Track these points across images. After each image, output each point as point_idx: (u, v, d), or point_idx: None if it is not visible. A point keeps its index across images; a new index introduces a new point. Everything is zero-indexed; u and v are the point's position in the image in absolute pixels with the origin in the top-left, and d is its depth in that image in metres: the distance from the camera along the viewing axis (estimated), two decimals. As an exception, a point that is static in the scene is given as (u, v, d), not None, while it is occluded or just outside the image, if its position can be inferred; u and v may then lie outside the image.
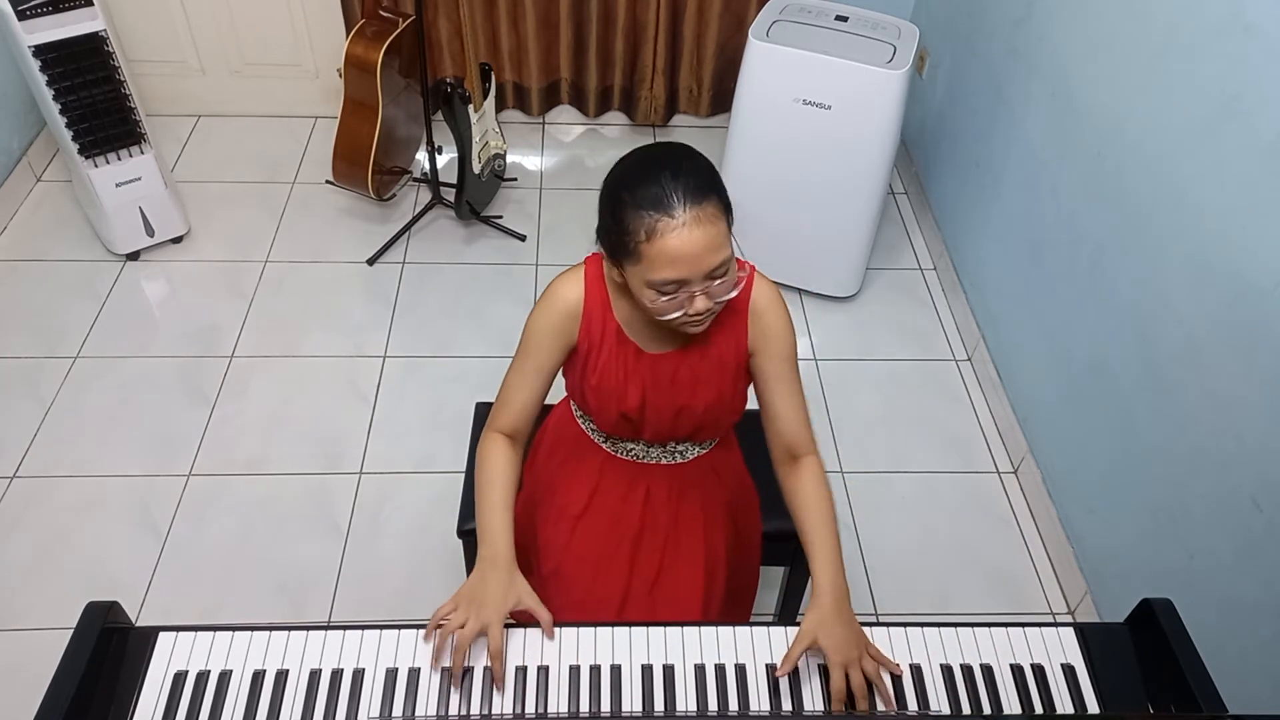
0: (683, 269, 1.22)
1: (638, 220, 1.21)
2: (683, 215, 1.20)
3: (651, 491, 1.56)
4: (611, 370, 1.43)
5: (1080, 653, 1.29)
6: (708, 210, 1.21)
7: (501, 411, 1.46)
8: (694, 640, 1.28)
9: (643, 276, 1.25)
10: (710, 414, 1.47)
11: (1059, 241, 2.30)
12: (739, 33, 3.27)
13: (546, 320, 1.42)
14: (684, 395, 1.44)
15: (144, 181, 2.75)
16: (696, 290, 1.25)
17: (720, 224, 1.23)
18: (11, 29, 2.38)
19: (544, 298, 1.43)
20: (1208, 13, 1.76)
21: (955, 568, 2.30)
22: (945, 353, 2.83)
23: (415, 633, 1.26)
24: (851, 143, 2.57)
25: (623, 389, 1.43)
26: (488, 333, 2.78)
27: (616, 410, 1.45)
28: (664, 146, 1.31)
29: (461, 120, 2.70)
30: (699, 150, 1.30)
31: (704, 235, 1.21)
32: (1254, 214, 1.64)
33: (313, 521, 2.29)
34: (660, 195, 1.21)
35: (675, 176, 1.21)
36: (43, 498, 2.30)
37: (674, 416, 1.47)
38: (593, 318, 1.41)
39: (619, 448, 1.56)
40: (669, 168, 1.23)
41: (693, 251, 1.21)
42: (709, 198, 1.22)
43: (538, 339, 1.43)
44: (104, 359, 2.62)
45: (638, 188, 1.22)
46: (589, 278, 1.42)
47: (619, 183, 1.26)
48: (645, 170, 1.24)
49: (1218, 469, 1.73)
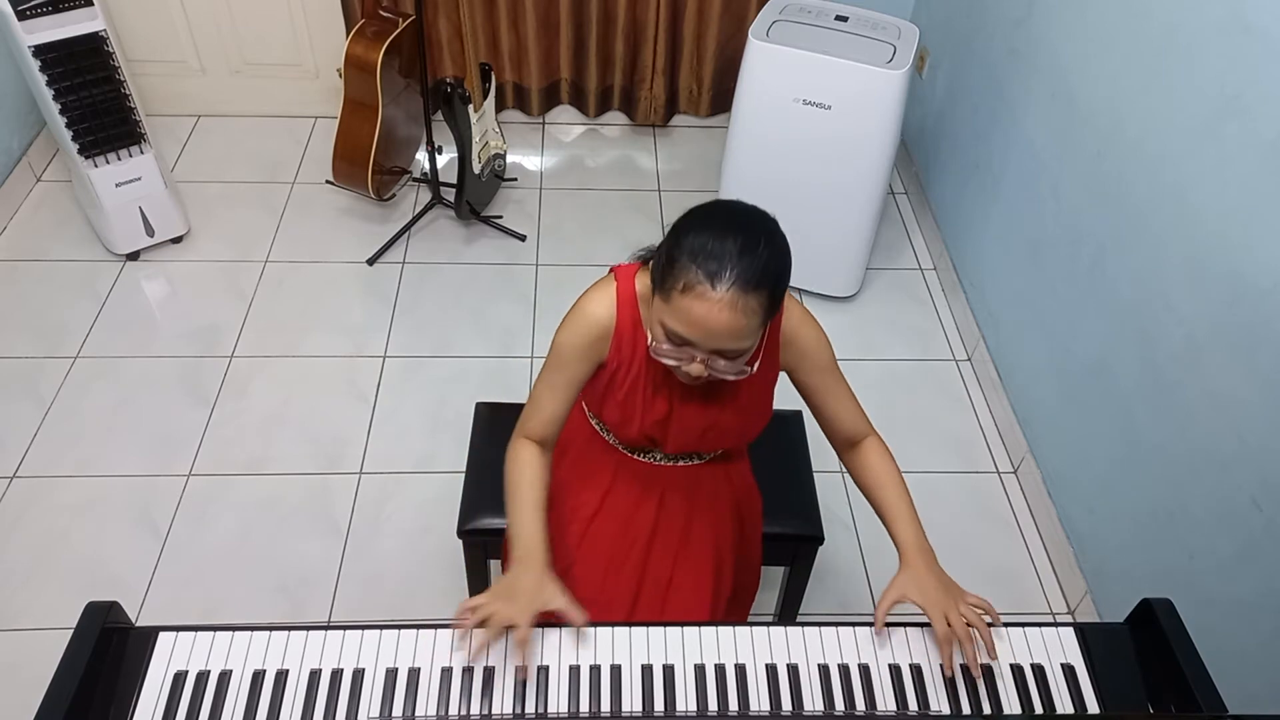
0: (695, 334, 1.22)
1: (684, 271, 1.20)
2: (723, 293, 1.18)
3: (666, 496, 1.56)
4: (640, 388, 1.42)
5: (1080, 653, 1.29)
6: (750, 303, 1.19)
7: (531, 419, 1.46)
8: (694, 640, 1.27)
9: (661, 316, 1.25)
10: (733, 434, 1.48)
11: (1059, 241, 2.30)
12: (739, 33, 3.27)
13: (577, 339, 1.40)
14: (711, 415, 1.44)
15: (144, 181, 2.75)
16: (699, 356, 1.25)
17: (755, 319, 1.21)
18: (11, 29, 2.38)
19: (574, 315, 1.41)
20: (1208, 13, 1.76)
21: (955, 568, 2.27)
22: (945, 353, 2.83)
23: (415, 633, 1.26)
24: (851, 143, 2.57)
25: (649, 407, 1.43)
26: (488, 333, 2.78)
27: (639, 428, 1.45)
28: (754, 215, 1.26)
29: (461, 120, 2.70)
30: (773, 221, 1.26)
31: (731, 321, 1.19)
32: (1254, 214, 1.64)
33: (313, 521, 2.29)
34: (716, 266, 1.18)
35: (740, 254, 1.18)
36: (43, 498, 2.30)
37: (699, 435, 1.47)
38: (623, 336, 1.40)
39: (635, 452, 1.57)
40: (741, 240, 1.19)
41: (714, 329, 1.20)
42: (758, 291, 1.19)
43: (567, 355, 1.41)
44: (104, 359, 2.62)
45: (702, 241, 1.20)
46: (620, 295, 1.40)
47: (692, 226, 1.23)
48: (721, 228, 1.21)
49: (1218, 469, 1.73)
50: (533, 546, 1.34)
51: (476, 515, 1.76)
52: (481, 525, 1.75)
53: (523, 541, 1.35)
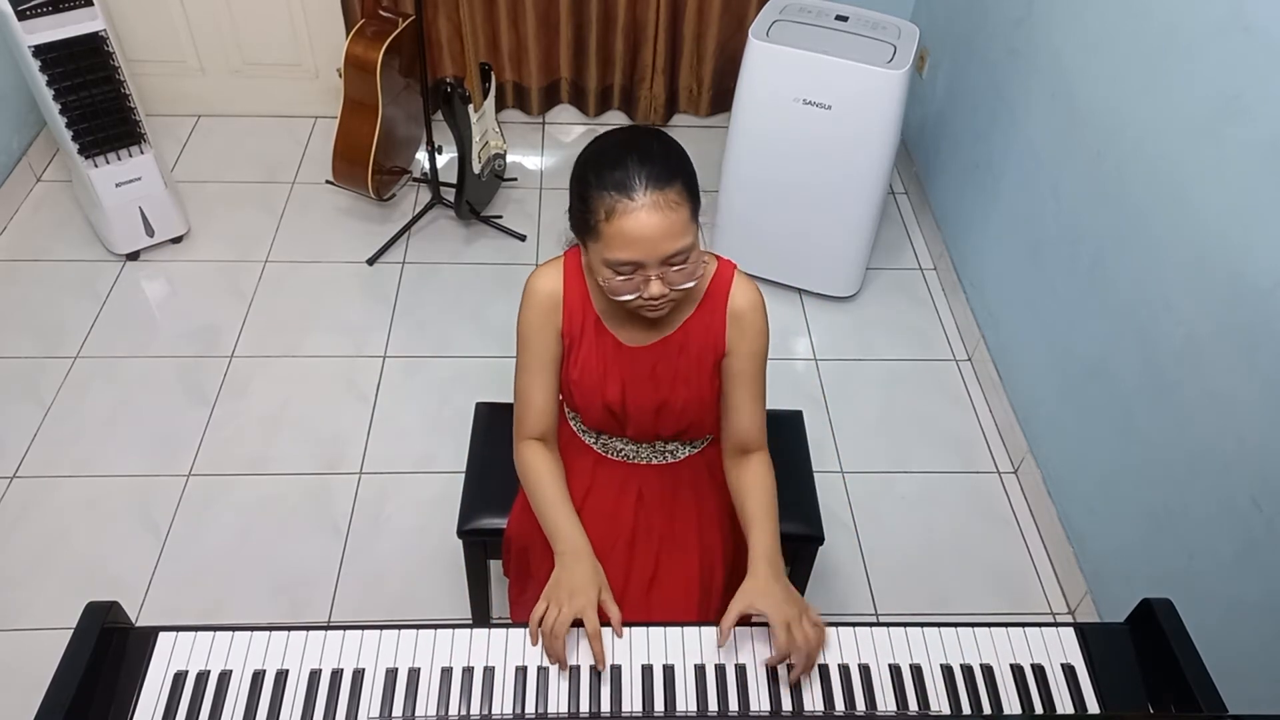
0: (638, 251, 1.24)
1: (599, 200, 1.24)
2: (643, 198, 1.22)
3: (644, 493, 1.57)
4: (592, 362, 1.44)
5: (1080, 653, 1.29)
6: (669, 196, 1.23)
7: (525, 417, 1.47)
8: (694, 640, 1.28)
9: (601, 255, 1.27)
10: (690, 411, 1.49)
11: (1059, 241, 2.30)
12: (739, 32, 3.26)
13: (531, 314, 1.44)
14: (663, 390, 1.46)
15: (144, 181, 2.75)
16: (653, 274, 1.27)
17: (682, 210, 1.24)
18: (11, 29, 2.38)
19: (525, 293, 1.45)
20: (1207, 13, 1.76)
21: (955, 568, 2.30)
22: (945, 353, 2.83)
23: (415, 633, 1.26)
24: (851, 143, 2.57)
25: (602, 381, 1.45)
26: (488, 333, 2.78)
27: (599, 403, 1.47)
28: (635, 130, 1.34)
29: (461, 120, 2.70)
30: (676, 139, 1.32)
31: (662, 220, 1.23)
32: (1254, 214, 1.64)
33: (313, 521, 2.29)
34: (623, 177, 1.23)
35: (641, 161, 1.24)
36: (43, 498, 2.30)
37: (655, 412, 1.48)
38: (573, 309, 1.43)
39: (608, 448, 1.57)
40: (636, 151, 1.25)
41: (650, 235, 1.23)
42: (672, 183, 1.24)
43: (526, 331, 1.45)
44: (104, 359, 2.62)
45: (603, 168, 1.25)
46: (567, 269, 1.44)
47: (588, 162, 1.30)
48: (613, 152, 1.27)
49: (1218, 469, 1.73)
50: (576, 541, 1.37)
51: (476, 515, 1.76)
52: (481, 525, 1.75)
53: (565, 538, 1.38)
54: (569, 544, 1.37)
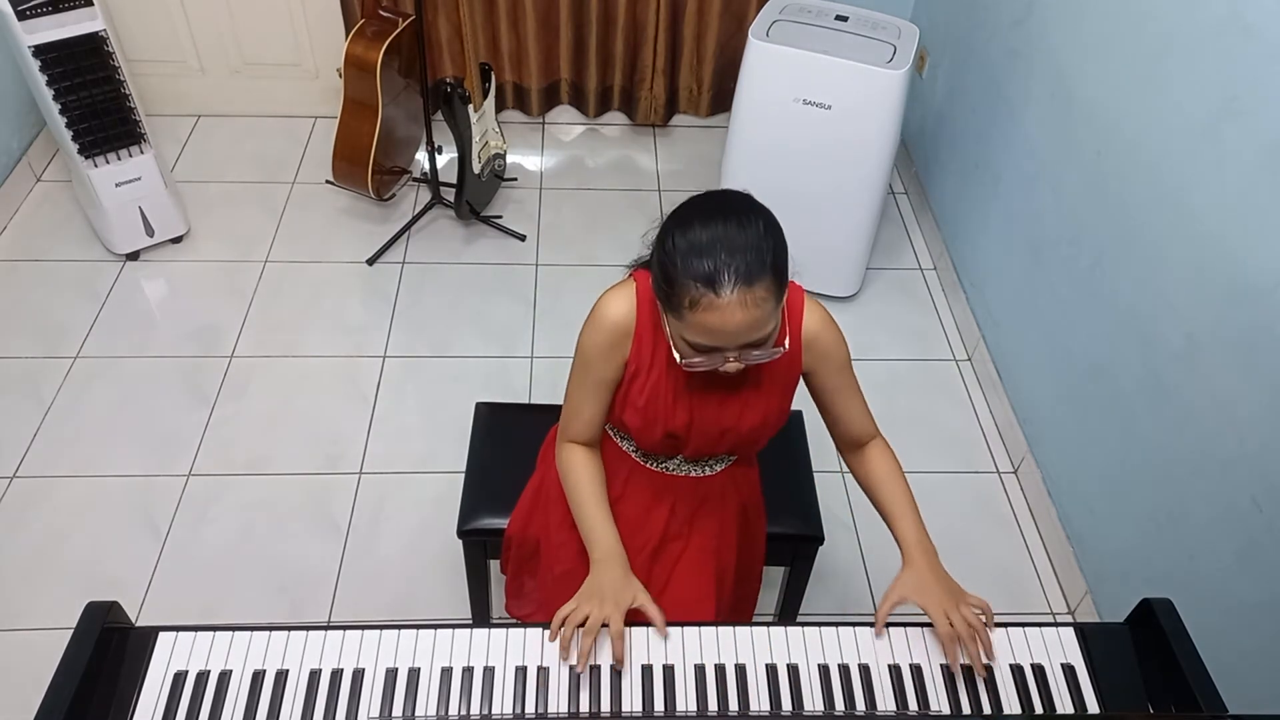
0: (719, 340, 1.21)
1: (684, 288, 1.18)
2: (729, 296, 1.16)
3: (677, 506, 1.55)
4: (661, 392, 1.40)
5: (1080, 653, 1.29)
6: (757, 293, 1.17)
7: (572, 424, 1.46)
8: (694, 640, 1.28)
9: (680, 333, 1.24)
10: (753, 434, 1.47)
11: (1059, 241, 2.30)
12: (739, 33, 3.26)
13: (599, 339, 1.38)
14: (731, 417, 1.43)
15: (144, 181, 2.75)
16: (731, 355, 1.24)
17: (768, 305, 1.19)
18: (11, 29, 2.38)
19: (594, 316, 1.38)
20: (1207, 13, 1.76)
21: (955, 568, 2.26)
22: (945, 353, 2.83)
23: (415, 633, 1.26)
24: (851, 143, 2.57)
25: (671, 411, 1.41)
26: (488, 333, 2.78)
27: (662, 431, 1.43)
28: (728, 204, 1.23)
29: (461, 120, 2.70)
30: (747, 199, 1.24)
31: (746, 318, 1.18)
32: (1254, 215, 1.64)
33: (313, 521, 2.29)
34: (711, 272, 1.16)
35: (731, 252, 1.16)
36: (43, 498, 2.30)
37: (718, 436, 1.45)
38: (644, 340, 1.38)
39: (649, 460, 1.55)
40: (725, 242, 1.17)
41: (734, 330, 1.19)
42: (761, 279, 1.17)
43: (591, 356, 1.39)
44: (104, 359, 2.62)
45: (690, 255, 1.17)
46: (640, 297, 1.37)
47: (675, 237, 1.20)
48: (702, 235, 1.18)
49: (1218, 469, 1.73)
50: (610, 546, 1.37)
51: (476, 515, 1.76)
52: (481, 525, 1.75)
53: (600, 542, 1.38)
54: (604, 550, 1.37)
